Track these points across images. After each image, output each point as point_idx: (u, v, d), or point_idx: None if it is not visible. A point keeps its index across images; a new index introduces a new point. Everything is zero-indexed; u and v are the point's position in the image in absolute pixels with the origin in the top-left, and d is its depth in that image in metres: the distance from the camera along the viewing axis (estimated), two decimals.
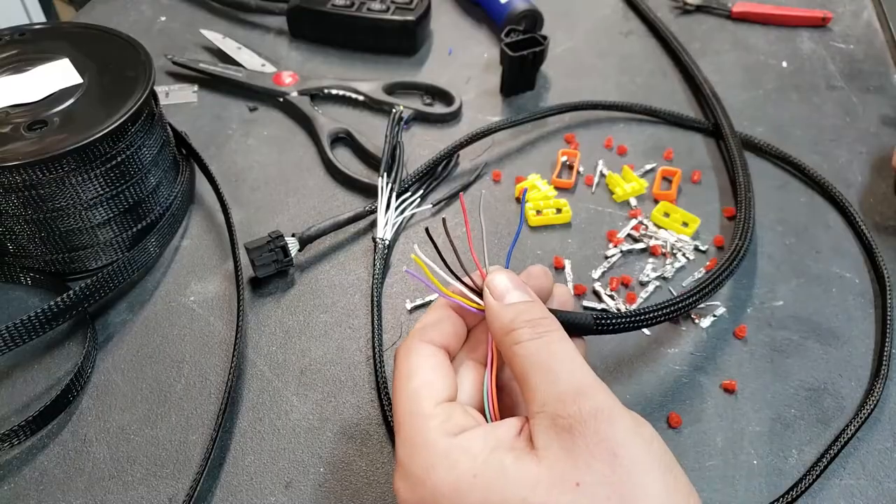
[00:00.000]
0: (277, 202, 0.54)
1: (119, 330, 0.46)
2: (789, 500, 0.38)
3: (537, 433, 0.26)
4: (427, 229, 0.33)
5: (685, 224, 0.52)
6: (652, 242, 0.50)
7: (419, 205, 0.54)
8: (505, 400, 0.33)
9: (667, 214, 0.53)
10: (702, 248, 0.51)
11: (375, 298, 0.47)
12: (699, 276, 0.49)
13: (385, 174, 0.53)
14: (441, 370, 0.30)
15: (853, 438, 0.40)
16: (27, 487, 0.38)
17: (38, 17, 1.44)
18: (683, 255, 0.50)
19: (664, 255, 0.50)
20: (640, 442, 0.25)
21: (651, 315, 0.38)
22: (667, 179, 0.56)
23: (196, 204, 0.54)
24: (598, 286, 0.48)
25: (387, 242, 0.50)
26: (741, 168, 0.54)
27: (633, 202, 0.54)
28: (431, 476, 0.26)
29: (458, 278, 0.32)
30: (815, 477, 0.38)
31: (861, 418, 0.40)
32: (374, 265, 0.49)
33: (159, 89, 0.63)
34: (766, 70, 0.67)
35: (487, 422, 0.30)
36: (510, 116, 0.59)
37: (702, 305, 0.47)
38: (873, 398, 0.41)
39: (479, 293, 0.32)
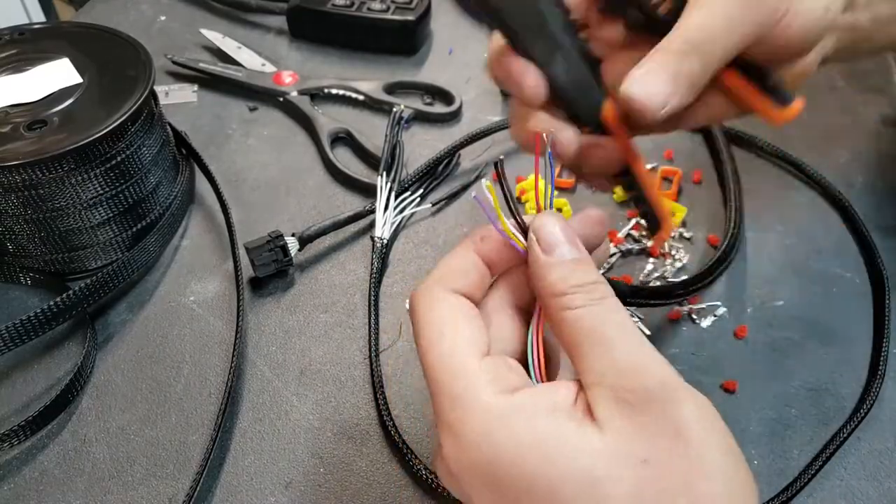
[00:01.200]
0: (277, 202, 0.54)
1: (119, 330, 0.46)
2: (785, 498, 0.38)
3: (598, 404, 0.24)
4: (497, 163, 0.29)
5: (673, 214, 0.52)
6: (648, 243, 0.50)
7: (419, 204, 0.54)
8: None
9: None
10: (686, 234, 0.51)
11: (372, 297, 0.47)
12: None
13: (384, 173, 0.53)
14: (476, 322, 0.27)
15: (853, 438, 0.40)
16: (27, 487, 0.38)
17: (38, 16, 1.44)
18: (680, 255, 0.50)
19: (662, 255, 0.50)
20: (705, 423, 0.24)
21: (680, 291, 0.39)
22: (667, 179, 0.56)
23: (196, 204, 0.54)
24: None
25: (385, 241, 0.50)
26: (728, 159, 0.55)
27: None
28: (489, 440, 0.24)
29: (512, 214, 0.28)
30: (811, 475, 0.38)
31: (858, 418, 0.40)
32: (372, 264, 0.49)
33: (159, 89, 0.63)
34: None
35: (532, 381, 0.28)
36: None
37: (703, 305, 0.47)
38: (870, 398, 0.41)
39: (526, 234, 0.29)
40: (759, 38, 0.32)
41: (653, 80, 0.31)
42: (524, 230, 0.29)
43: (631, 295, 0.33)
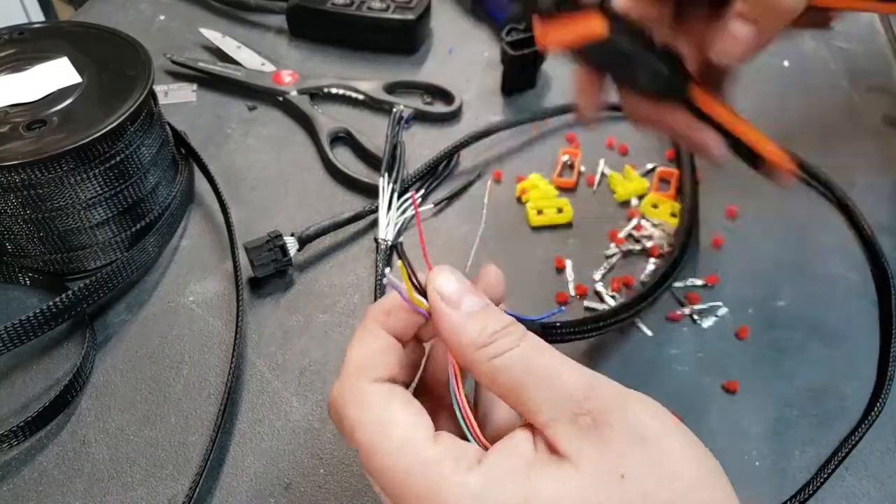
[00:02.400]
0: (277, 202, 0.54)
1: (118, 330, 0.46)
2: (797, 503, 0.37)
3: (562, 440, 0.24)
4: (394, 247, 0.30)
5: (674, 214, 0.52)
6: (648, 244, 0.50)
7: (420, 204, 0.54)
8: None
9: (655, 206, 0.53)
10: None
11: (378, 299, 0.46)
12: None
13: (386, 174, 0.52)
14: (413, 404, 0.26)
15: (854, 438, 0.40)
16: (26, 488, 0.38)
17: (37, 16, 1.44)
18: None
19: (662, 255, 0.50)
20: (658, 419, 0.25)
21: (595, 325, 0.40)
22: (665, 181, 0.55)
23: (195, 203, 0.54)
24: (599, 287, 0.48)
25: (389, 243, 0.50)
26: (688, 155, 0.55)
27: (635, 202, 0.54)
28: None
29: (414, 283, 0.28)
30: (822, 480, 0.38)
31: (870, 422, 0.40)
32: (377, 266, 0.48)
33: (158, 88, 0.63)
34: (767, 70, 0.67)
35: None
36: (511, 116, 0.58)
37: (704, 306, 0.46)
38: (880, 402, 0.41)
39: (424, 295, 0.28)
40: None
41: (738, 45, 0.35)
42: (423, 293, 0.28)
43: (543, 333, 0.34)
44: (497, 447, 0.25)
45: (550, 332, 0.37)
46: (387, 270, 0.28)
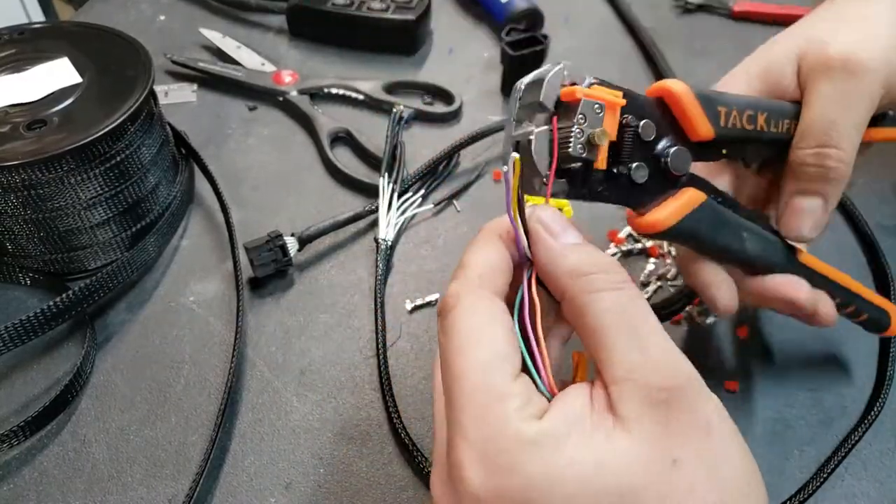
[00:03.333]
0: (277, 202, 0.54)
1: (118, 330, 0.46)
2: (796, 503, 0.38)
3: (625, 402, 0.23)
4: (520, 146, 0.28)
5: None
6: (648, 244, 0.50)
7: (420, 204, 0.54)
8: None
9: None
10: None
11: (378, 299, 0.47)
12: None
13: (386, 174, 0.52)
14: (512, 336, 0.25)
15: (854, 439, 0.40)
16: (26, 488, 0.38)
17: (38, 16, 1.44)
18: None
19: (662, 255, 0.50)
20: (725, 418, 0.24)
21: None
22: None
23: (195, 204, 0.54)
24: None
25: (389, 243, 0.50)
26: None
27: None
28: (522, 468, 0.23)
29: (520, 206, 0.27)
30: (822, 480, 0.38)
31: (869, 422, 0.40)
32: (377, 266, 0.48)
33: (158, 88, 0.63)
34: None
35: (538, 389, 0.26)
36: None
37: (704, 305, 0.47)
38: (879, 402, 0.41)
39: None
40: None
41: (807, 219, 0.35)
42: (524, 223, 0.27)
43: None
44: (555, 404, 0.25)
45: None
46: (509, 161, 0.27)
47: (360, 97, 0.63)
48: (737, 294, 0.36)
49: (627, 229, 0.52)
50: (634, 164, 0.30)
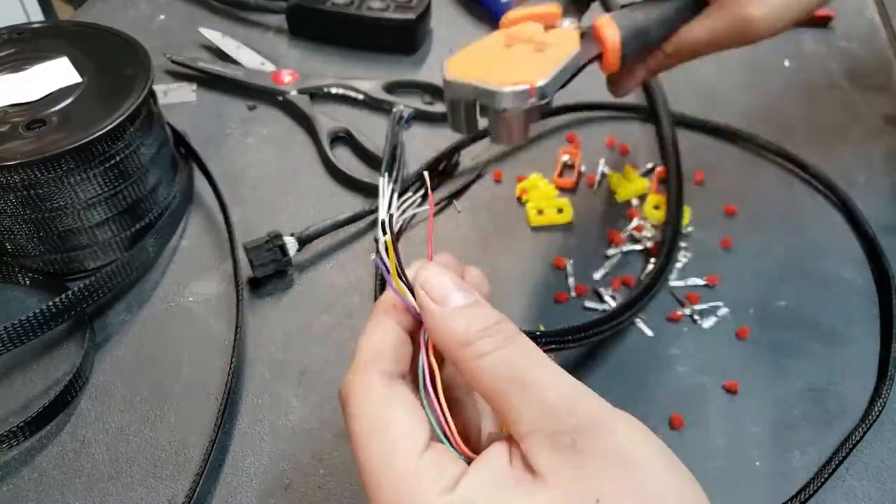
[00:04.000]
0: (277, 202, 0.54)
1: (118, 330, 0.46)
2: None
3: (536, 455, 0.23)
4: (387, 220, 0.29)
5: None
6: (649, 244, 0.50)
7: (420, 204, 0.54)
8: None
9: (657, 207, 0.52)
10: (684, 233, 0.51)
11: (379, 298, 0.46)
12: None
13: (386, 174, 0.52)
14: (415, 411, 0.25)
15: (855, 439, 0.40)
16: (26, 489, 0.38)
17: (37, 15, 1.44)
18: (681, 255, 0.50)
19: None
20: (641, 441, 0.24)
21: (584, 334, 0.40)
22: (664, 181, 0.55)
23: (195, 203, 0.54)
24: (599, 287, 0.48)
25: None
26: (672, 148, 0.55)
27: (635, 202, 0.54)
28: None
29: (400, 274, 0.27)
30: (823, 480, 0.38)
31: (870, 421, 0.40)
32: (377, 268, 0.48)
33: (158, 88, 0.63)
34: (768, 69, 0.67)
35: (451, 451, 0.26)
36: None
37: (705, 306, 0.46)
38: (881, 401, 0.41)
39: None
40: None
41: None
42: (411, 289, 0.27)
43: (537, 340, 0.34)
44: (473, 467, 0.24)
45: (545, 340, 0.37)
46: (379, 246, 0.28)
47: (360, 97, 0.63)
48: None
49: (627, 229, 0.52)
50: None
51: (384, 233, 0.28)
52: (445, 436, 0.25)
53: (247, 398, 0.42)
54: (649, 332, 0.45)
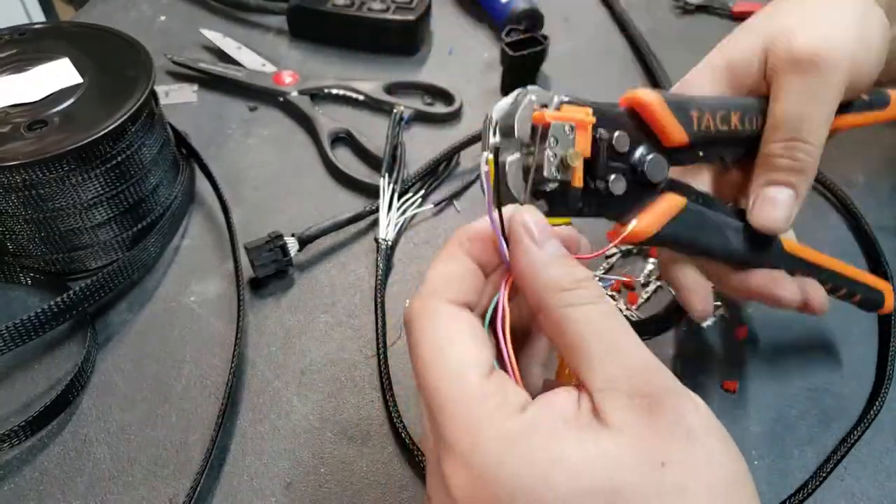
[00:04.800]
0: (277, 202, 0.54)
1: (119, 330, 0.46)
2: (796, 503, 0.38)
3: (612, 409, 0.23)
4: (496, 148, 0.28)
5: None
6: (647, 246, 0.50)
7: (420, 205, 0.54)
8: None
9: None
10: None
11: (379, 299, 0.47)
12: None
13: (387, 174, 0.53)
14: (479, 338, 0.25)
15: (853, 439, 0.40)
16: (27, 488, 0.38)
17: (38, 16, 1.44)
18: None
19: None
20: (707, 420, 0.24)
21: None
22: None
23: (196, 204, 0.54)
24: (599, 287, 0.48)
25: (389, 243, 0.50)
26: None
27: None
28: (507, 467, 0.22)
29: (499, 208, 0.26)
30: (821, 479, 0.38)
31: (868, 421, 0.40)
32: (378, 266, 0.49)
33: (159, 89, 0.63)
34: None
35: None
36: None
37: None
38: (879, 400, 0.41)
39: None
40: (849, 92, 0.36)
41: (767, 204, 0.36)
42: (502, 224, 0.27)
43: None
44: (540, 400, 0.24)
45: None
46: (481, 161, 0.27)
47: (361, 98, 0.63)
48: (712, 300, 0.38)
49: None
50: (612, 177, 0.31)
51: (493, 154, 0.27)
52: (508, 372, 0.26)
53: (248, 397, 0.43)
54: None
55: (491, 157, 0.27)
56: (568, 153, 0.28)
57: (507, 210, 0.27)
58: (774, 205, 0.35)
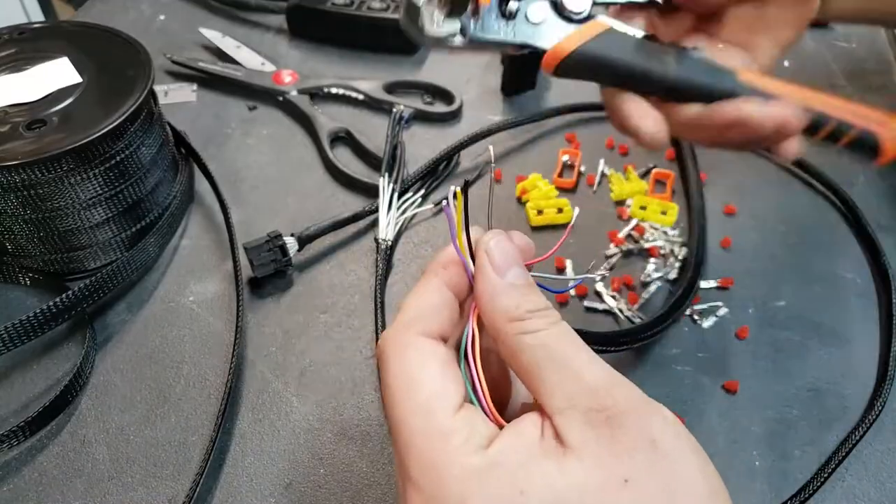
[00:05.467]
0: (277, 202, 0.54)
1: (118, 330, 0.46)
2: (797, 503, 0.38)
3: (570, 430, 0.23)
4: (465, 183, 0.28)
5: (664, 213, 0.52)
6: (647, 245, 0.50)
7: (420, 205, 0.54)
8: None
9: (643, 207, 0.52)
10: (678, 238, 0.51)
11: (379, 299, 0.46)
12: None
13: (386, 174, 0.52)
14: (450, 371, 0.26)
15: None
16: (26, 488, 0.38)
17: (37, 16, 1.44)
18: (679, 256, 0.50)
19: (663, 256, 0.50)
20: (673, 432, 0.24)
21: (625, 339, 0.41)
22: (661, 182, 0.55)
23: (195, 203, 0.54)
24: (599, 287, 0.48)
25: (389, 243, 0.50)
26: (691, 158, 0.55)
27: (629, 202, 0.54)
28: None
29: (466, 232, 0.27)
30: (822, 480, 0.38)
31: (869, 421, 0.40)
32: (377, 266, 0.48)
33: (158, 88, 0.63)
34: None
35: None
36: (511, 116, 0.58)
37: (704, 305, 0.47)
38: (881, 401, 0.41)
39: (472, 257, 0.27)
40: None
41: None
42: (472, 250, 0.27)
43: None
44: (506, 431, 0.25)
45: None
46: (449, 195, 0.27)
47: (360, 97, 0.63)
48: (664, 124, 0.33)
49: (627, 229, 0.52)
50: (532, 3, 0.30)
51: (461, 185, 0.27)
52: (479, 402, 0.26)
53: (247, 398, 0.42)
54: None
55: (459, 189, 0.27)
56: None
57: (474, 234, 0.27)
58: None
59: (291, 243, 0.48)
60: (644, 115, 0.33)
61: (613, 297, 0.47)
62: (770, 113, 0.31)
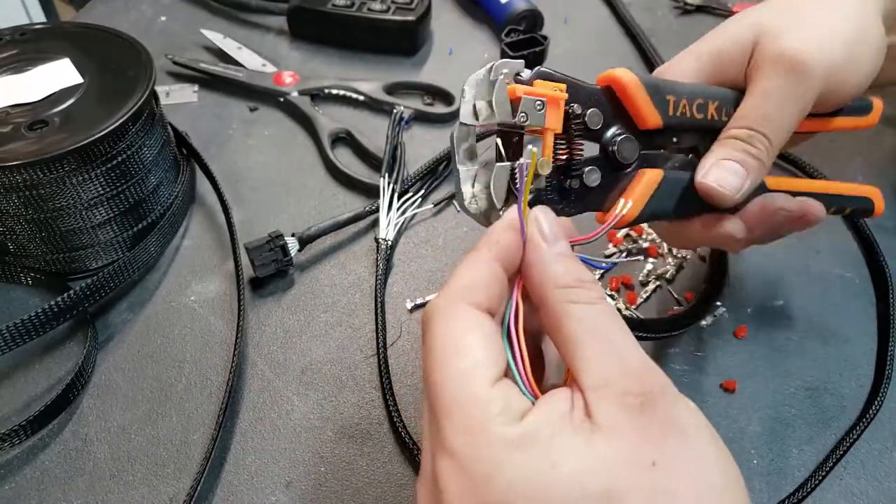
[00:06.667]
0: (278, 202, 0.54)
1: (120, 330, 0.46)
2: (794, 501, 0.38)
3: (602, 410, 0.24)
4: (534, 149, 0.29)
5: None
6: (645, 244, 0.50)
7: (420, 205, 0.54)
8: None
9: None
10: None
11: (379, 298, 0.47)
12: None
13: (387, 174, 0.53)
14: (493, 344, 0.26)
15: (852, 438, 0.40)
16: (28, 487, 0.38)
17: (39, 16, 1.44)
18: (681, 255, 0.50)
19: (661, 255, 0.50)
20: (698, 422, 0.24)
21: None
22: None
23: (196, 204, 0.54)
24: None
25: (389, 242, 0.50)
26: None
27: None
28: (503, 474, 0.23)
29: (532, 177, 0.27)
30: (820, 478, 0.38)
31: (867, 420, 0.40)
32: (378, 265, 0.49)
33: (160, 89, 0.63)
34: None
35: (522, 392, 0.26)
36: None
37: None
38: (878, 400, 0.41)
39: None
40: (820, 101, 0.36)
41: (723, 170, 0.35)
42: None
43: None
44: (539, 404, 0.25)
45: None
46: (531, 148, 0.28)
47: (361, 98, 0.63)
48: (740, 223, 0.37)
49: (626, 229, 0.52)
50: (586, 170, 0.31)
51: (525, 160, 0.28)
52: (519, 374, 0.26)
53: (248, 397, 0.43)
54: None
55: (535, 150, 0.28)
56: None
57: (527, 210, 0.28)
58: (728, 171, 0.35)
59: (292, 243, 0.48)
60: (720, 223, 0.37)
61: (612, 296, 0.48)
62: (791, 203, 0.38)
